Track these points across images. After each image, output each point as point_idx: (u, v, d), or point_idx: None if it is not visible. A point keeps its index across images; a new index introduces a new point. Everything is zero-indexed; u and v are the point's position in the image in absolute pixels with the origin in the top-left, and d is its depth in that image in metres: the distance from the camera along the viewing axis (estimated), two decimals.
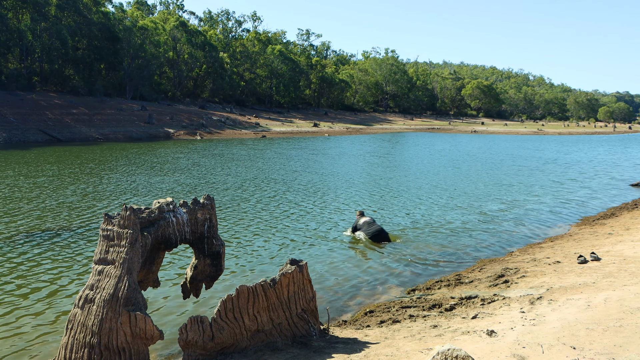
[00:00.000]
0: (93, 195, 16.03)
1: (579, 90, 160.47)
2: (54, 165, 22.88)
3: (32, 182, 18.07)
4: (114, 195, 16.25)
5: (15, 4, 49.34)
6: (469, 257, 10.56)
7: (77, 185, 17.77)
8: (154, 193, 16.83)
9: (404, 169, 25.77)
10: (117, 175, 20.57)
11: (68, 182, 18.38)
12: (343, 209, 15.00)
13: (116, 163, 24.56)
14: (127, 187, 17.76)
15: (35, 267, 9.16)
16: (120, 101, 52.31)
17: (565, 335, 5.07)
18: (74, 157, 26.53)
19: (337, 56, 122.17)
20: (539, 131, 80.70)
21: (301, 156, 30.70)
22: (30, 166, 22.40)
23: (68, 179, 19.24)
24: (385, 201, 16.55)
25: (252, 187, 18.66)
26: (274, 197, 16.63)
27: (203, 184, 18.96)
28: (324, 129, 61.29)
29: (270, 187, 18.77)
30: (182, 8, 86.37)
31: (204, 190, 17.67)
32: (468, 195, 18.14)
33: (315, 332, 5.67)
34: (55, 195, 15.91)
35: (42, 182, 18.14)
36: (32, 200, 14.89)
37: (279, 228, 12.49)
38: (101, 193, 16.47)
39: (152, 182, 19.03)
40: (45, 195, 15.74)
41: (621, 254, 9.20)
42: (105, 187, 17.56)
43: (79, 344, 4.88)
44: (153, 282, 5.84)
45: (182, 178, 20.37)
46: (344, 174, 22.93)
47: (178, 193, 17.01)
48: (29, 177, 19.22)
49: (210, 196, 5.90)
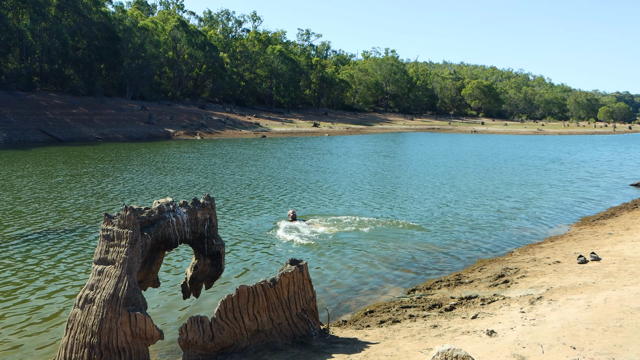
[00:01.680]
0: (93, 195, 16.02)
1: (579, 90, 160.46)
2: (54, 165, 22.88)
3: (32, 182, 18.07)
4: (114, 195, 16.25)
5: (15, 4, 49.32)
6: (469, 257, 10.56)
7: (77, 185, 17.77)
8: (154, 193, 16.83)
9: (408, 169, 25.76)
10: (117, 175, 20.57)
11: (68, 182, 18.37)
12: (343, 208, 15.00)
13: (116, 163, 24.55)
14: (127, 187, 17.75)
15: (36, 266, 9.16)
16: (120, 101, 52.31)
17: (565, 335, 5.07)
18: (74, 157, 26.52)
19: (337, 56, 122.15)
20: (539, 131, 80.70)
21: (308, 155, 30.70)
22: (30, 166, 22.39)
23: (68, 179, 19.24)
24: (386, 200, 16.55)
25: (251, 186, 18.66)
26: (275, 196, 16.63)
27: (203, 184, 18.96)
28: (324, 129, 61.29)
29: (274, 186, 18.77)
30: (182, 8, 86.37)
31: (205, 189, 17.67)
32: (468, 195, 18.14)
33: (315, 332, 5.67)
34: (55, 195, 15.91)
35: (42, 182, 18.14)
36: (32, 200, 14.89)
37: (279, 228, 12.49)
38: (101, 193, 16.47)
39: (151, 182, 19.03)
40: (45, 195, 15.74)
41: (621, 254, 9.20)
42: (105, 187, 17.56)
43: (79, 344, 4.88)
44: (153, 282, 5.84)
45: (182, 178, 20.37)
46: (344, 173, 22.92)
47: (178, 193, 17.02)
48: (28, 177, 19.22)
49: (210, 196, 5.90)
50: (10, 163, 23.33)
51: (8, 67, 48.60)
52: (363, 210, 14.87)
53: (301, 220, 12.98)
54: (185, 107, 59.70)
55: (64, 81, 53.47)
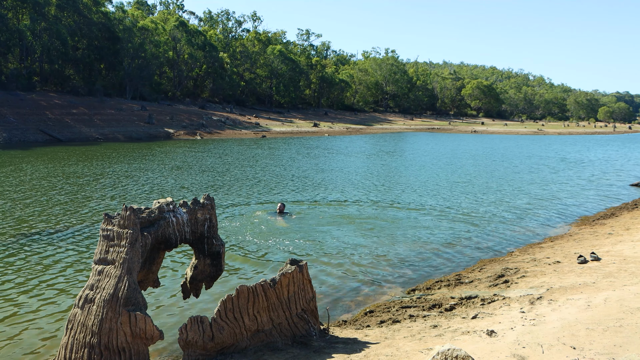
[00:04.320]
0: (93, 195, 16.03)
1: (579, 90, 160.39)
2: (54, 166, 22.88)
3: (32, 182, 18.07)
4: (114, 195, 16.25)
5: (15, 4, 49.31)
6: (469, 257, 10.56)
7: (78, 185, 17.77)
8: (154, 192, 16.83)
9: (408, 169, 25.77)
10: (116, 175, 20.57)
11: (68, 182, 18.38)
12: (343, 207, 15.00)
13: (116, 163, 24.55)
14: (127, 187, 17.75)
15: (36, 266, 9.16)
16: (120, 101, 52.30)
17: (565, 335, 5.07)
18: (75, 157, 26.52)
19: (337, 56, 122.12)
20: (539, 131, 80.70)
21: (308, 155, 30.70)
22: (30, 166, 22.40)
23: (68, 178, 19.24)
24: (386, 200, 16.55)
25: (251, 186, 18.66)
26: (275, 196, 16.63)
27: (203, 184, 18.96)
28: (324, 129, 61.29)
29: (274, 185, 18.77)
30: (182, 8, 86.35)
31: (205, 189, 17.67)
32: (468, 195, 18.14)
33: (315, 332, 5.67)
34: (55, 194, 15.91)
35: (42, 182, 18.14)
36: (32, 200, 14.89)
37: (279, 227, 12.49)
38: (101, 193, 16.47)
39: (152, 182, 19.03)
40: (45, 195, 15.74)
41: (621, 254, 9.20)
42: (105, 187, 17.56)
43: (79, 344, 4.88)
44: (153, 282, 5.84)
45: (183, 178, 20.37)
46: (344, 172, 22.93)
47: (178, 193, 17.02)
48: (28, 177, 19.22)
49: (210, 196, 5.90)
50: (10, 163, 23.33)
51: (8, 67, 48.59)
52: (363, 210, 14.87)
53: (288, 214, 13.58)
54: (185, 107, 59.70)
55: (64, 81, 53.46)
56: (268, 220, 13.27)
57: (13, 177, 19.26)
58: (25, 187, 17.04)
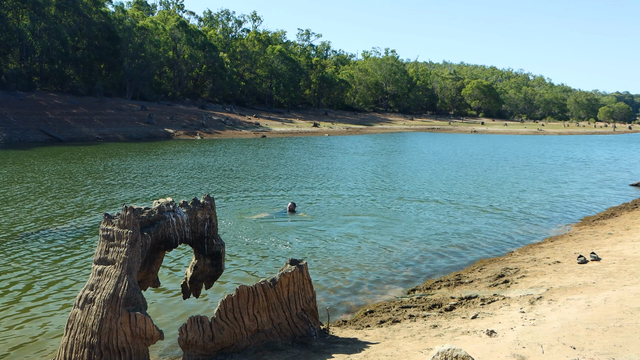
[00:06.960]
0: (93, 195, 16.02)
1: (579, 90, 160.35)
2: (54, 166, 22.88)
3: (32, 182, 18.07)
4: (114, 195, 16.25)
5: (15, 4, 49.31)
6: (469, 257, 10.56)
7: (77, 185, 17.77)
8: (154, 192, 16.83)
9: (408, 169, 25.77)
10: (117, 175, 20.57)
11: (68, 182, 18.38)
12: (343, 206, 15.00)
13: (116, 163, 24.56)
14: (127, 187, 17.75)
15: (35, 266, 9.16)
16: (120, 101, 52.30)
17: (565, 335, 5.07)
18: (75, 157, 26.53)
19: (337, 56, 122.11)
20: (539, 131, 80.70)
21: (308, 154, 30.69)
22: (30, 166, 22.40)
23: (68, 178, 19.24)
24: (386, 200, 16.55)
25: (252, 186, 18.66)
26: (275, 196, 16.63)
27: (203, 184, 18.96)
28: (324, 129, 61.29)
29: (274, 185, 18.77)
30: (182, 8, 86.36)
31: (205, 189, 17.67)
32: (468, 195, 18.14)
33: (315, 332, 5.67)
34: (55, 194, 15.91)
35: (42, 182, 18.14)
36: (32, 200, 14.89)
37: (279, 228, 12.49)
38: (101, 193, 16.47)
39: (151, 182, 19.03)
40: (45, 195, 15.74)
41: (621, 254, 9.20)
42: (105, 187, 17.56)
43: (79, 344, 4.88)
44: (153, 282, 5.84)
45: (182, 178, 20.37)
46: (344, 171, 22.93)
47: (178, 192, 17.02)
48: (29, 177, 19.22)
49: (210, 196, 5.90)
50: (10, 163, 23.32)
51: (8, 67, 48.60)
52: (363, 209, 14.87)
53: (298, 213, 13.49)
54: (185, 107, 59.70)
55: (64, 81, 53.45)
56: (275, 219, 13.27)
57: (13, 177, 19.26)
58: (25, 187, 17.04)
